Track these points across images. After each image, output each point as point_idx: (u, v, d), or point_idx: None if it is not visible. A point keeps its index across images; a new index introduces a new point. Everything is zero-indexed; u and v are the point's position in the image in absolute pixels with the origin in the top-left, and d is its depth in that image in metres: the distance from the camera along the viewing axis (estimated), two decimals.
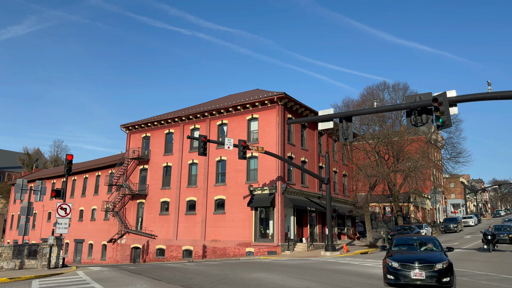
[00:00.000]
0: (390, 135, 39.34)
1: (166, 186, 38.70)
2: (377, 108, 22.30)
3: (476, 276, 15.45)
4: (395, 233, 35.37)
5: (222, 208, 34.15)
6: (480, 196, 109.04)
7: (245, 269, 17.53)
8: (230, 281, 13.50)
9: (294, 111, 34.58)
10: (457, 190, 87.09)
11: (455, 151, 47.57)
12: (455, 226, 49.19)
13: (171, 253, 36.19)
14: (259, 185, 32.19)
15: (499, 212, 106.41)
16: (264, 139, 32.81)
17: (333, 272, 16.30)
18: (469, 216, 64.36)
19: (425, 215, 65.45)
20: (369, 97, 42.29)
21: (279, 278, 14.05)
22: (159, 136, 40.71)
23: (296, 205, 31.58)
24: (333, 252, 27.53)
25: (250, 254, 31.10)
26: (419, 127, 22.78)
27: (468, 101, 15.33)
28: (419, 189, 54.64)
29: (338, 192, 41.67)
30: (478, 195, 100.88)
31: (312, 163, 36.79)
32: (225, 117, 35.94)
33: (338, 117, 20.07)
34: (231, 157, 34.08)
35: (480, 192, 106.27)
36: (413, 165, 38.40)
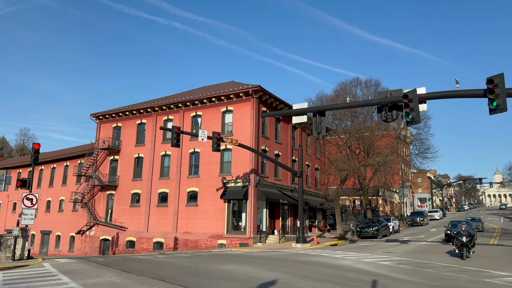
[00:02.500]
0: (361, 130, 40.12)
1: (138, 177, 38.09)
2: (349, 104, 22.69)
3: (440, 267, 16.09)
4: (364, 226, 36.36)
5: (194, 200, 33.98)
6: (445, 191, 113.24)
7: (216, 261, 17.57)
8: (201, 273, 13.50)
9: (269, 105, 34.68)
10: (424, 185, 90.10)
11: (423, 147, 49.17)
12: (421, 220, 50.92)
13: (141, 245, 35.77)
14: (232, 178, 32.19)
15: (463, 207, 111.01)
16: (238, 131, 32.78)
17: (303, 263, 16.57)
18: (435, 210, 66.77)
19: (393, 208, 67.41)
20: (342, 93, 42.97)
21: (250, 270, 14.17)
22: (130, 126, 39.92)
23: (269, 198, 31.82)
24: (304, 244, 27.96)
25: (222, 246, 31.17)
26: (389, 123, 23.32)
27: (437, 98, 15.83)
28: (388, 183, 56.15)
29: (310, 185, 42.24)
30: (443, 190, 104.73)
31: (285, 157, 37.10)
32: (199, 109, 35.63)
33: (311, 111, 20.31)
34: (205, 149, 33.90)
35: (446, 187, 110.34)
36: (383, 159, 39.37)
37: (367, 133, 41.23)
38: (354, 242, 31.92)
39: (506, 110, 13.62)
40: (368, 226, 35.90)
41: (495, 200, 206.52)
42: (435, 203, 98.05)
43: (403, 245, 27.42)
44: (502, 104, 13.56)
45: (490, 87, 13.64)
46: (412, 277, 13.27)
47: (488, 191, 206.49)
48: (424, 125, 47.46)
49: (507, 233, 36.89)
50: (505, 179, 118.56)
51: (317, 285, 11.16)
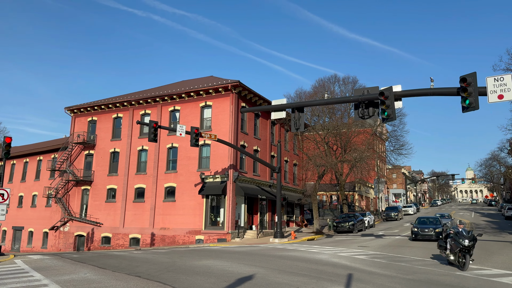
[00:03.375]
0: (339, 127, 40.64)
1: (113, 172, 37.43)
2: (327, 100, 22.92)
3: (413, 261, 16.52)
4: (340, 220, 36.94)
5: (172, 196, 33.69)
6: (419, 187, 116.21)
7: (194, 257, 17.50)
8: (178, 269, 13.42)
9: (248, 100, 34.63)
10: (398, 181, 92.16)
11: (398, 144, 50.20)
12: (395, 215, 52.10)
13: (117, 241, 35.25)
14: (211, 173, 32.07)
15: (436, 202, 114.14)
16: (217, 127, 32.63)
17: (280, 258, 16.71)
18: (409, 205, 68.44)
19: (368, 203, 68.70)
20: (321, 89, 43.31)
21: (228, 265, 14.19)
22: (106, 120, 39.13)
23: (248, 193, 31.87)
24: (281, 239, 28.18)
25: (200, 241, 31.06)
26: (366, 120, 23.73)
27: (412, 96, 16.18)
28: (364, 179, 57.08)
29: (288, 180, 42.53)
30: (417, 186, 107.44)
31: (264, 152, 37.20)
32: (178, 103, 35.25)
33: (290, 107, 20.43)
34: (183, 144, 33.60)
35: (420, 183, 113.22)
36: (359, 156, 40.00)
37: (344, 130, 41.79)
38: (330, 237, 32.39)
39: (478, 108, 14.05)
40: (344, 221, 36.50)
41: (467, 195, 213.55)
42: (409, 198, 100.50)
43: (378, 239, 28.00)
44: (474, 103, 13.98)
45: (463, 85, 14.03)
46: (386, 270, 13.58)
47: (460, 187, 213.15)
48: (400, 122, 48.43)
49: (478, 227, 38.17)
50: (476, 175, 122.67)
51: (293, 279, 11.28)
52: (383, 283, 10.98)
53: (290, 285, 10.38)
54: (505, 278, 12.40)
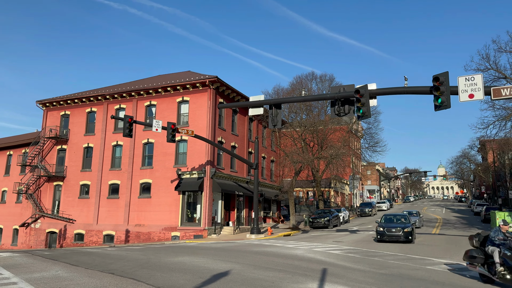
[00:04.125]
0: (315, 124, 41.08)
1: (87, 168, 36.61)
2: (304, 97, 23.10)
3: (386, 256, 16.90)
4: (316, 216, 37.41)
5: (148, 192, 33.25)
6: (393, 183, 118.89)
7: (169, 253, 17.34)
8: (153, 265, 13.28)
9: (226, 96, 34.48)
10: (373, 177, 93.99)
11: (373, 141, 51.29)
12: (370, 210, 53.17)
13: (90, 238, 34.55)
14: (187, 169, 31.81)
15: (409, 198, 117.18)
16: (194, 122, 32.35)
17: (257, 254, 16.77)
18: (382, 201, 69.94)
19: (344, 199, 69.82)
20: (298, 86, 43.64)
21: (204, 261, 14.13)
22: (80, 114, 38.18)
23: (225, 190, 31.80)
24: (258, 235, 28.29)
25: (176, 238, 30.82)
26: (342, 117, 24.04)
27: (386, 94, 16.49)
28: (339, 175, 58.03)
29: (265, 177, 42.69)
30: (391, 182, 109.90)
31: (242, 148, 37.17)
32: (154, 98, 34.74)
33: (268, 104, 20.44)
34: (159, 140, 33.18)
35: (393, 179, 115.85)
36: (335, 152, 40.57)
37: (321, 127, 42.29)
38: (306, 232, 32.74)
39: (449, 107, 14.45)
40: (320, 216, 36.97)
41: (439, 192, 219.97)
42: (383, 194, 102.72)
43: (352, 234, 28.51)
44: (446, 101, 14.37)
45: (436, 84, 14.40)
46: (360, 265, 13.84)
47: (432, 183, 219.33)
48: (374, 120, 49.48)
49: (448, 223, 39.46)
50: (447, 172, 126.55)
51: (269, 274, 11.35)
52: (357, 278, 11.19)
53: (266, 280, 10.43)
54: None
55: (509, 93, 14.02)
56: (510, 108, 23.51)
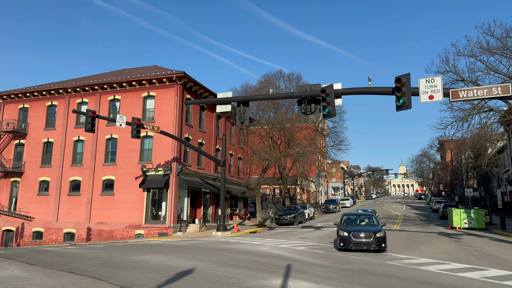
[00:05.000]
0: (283, 122, 41.41)
1: (47, 164, 35.20)
2: (272, 95, 23.27)
3: (348, 252, 17.30)
4: (282, 213, 37.80)
5: (111, 189, 32.40)
6: (356, 181, 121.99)
7: (132, 251, 17.00)
8: (115, 264, 12.97)
9: (193, 92, 34.10)
10: (337, 175, 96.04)
11: (338, 139, 52.40)
12: (334, 207, 54.36)
13: (50, 236, 33.29)
14: (153, 166, 31.24)
15: (371, 195, 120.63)
16: (160, 118, 31.80)
17: (222, 251, 16.75)
18: (346, 198, 71.70)
19: (309, 196, 70.94)
20: (266, 84, 43.80)
21: (168, 259, 13.95)
22: (39, 108, 36.62)
23: (191, 187, 31.50)
24: (224, 232, 28.25)
25: (140, 236, 30.23)
26: (308, 116, 24.40)
27: (351, 94, 16.86)
28: (305, 173, 58.81)
29: (233, 174, 42.64)
30: (354, 180, 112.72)
31: (209, 145, 36.92)
32: (118, 93, 33.84)
33: (236, 101, 20.41)
34: (124, 136, 32.38)
35: (357, 177, 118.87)
36: (302, 150, 41.10)
37: (288, 125, 42.67)
38: (272, 229, 33.03)
39: (410, 108, 14.96)
40: (286, 213, 37.40)
41: (399, 189, 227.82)
42: (347, 191, 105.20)
43: (317, 231, 29.04)
44: (407, 102, 14.88)
45: (398, 85, 14.87)
46: (323, 261, 14.12)
47: (393, 181, 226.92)
48: (339, 119, 50.54)
49: (408, 219, 40.94)
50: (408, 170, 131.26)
51: (234, 271, 11.36)
52: (319, 273, 11.42)
53: (230, 277, 10.44)
54: (431, 266, 13.43)
55: (466, 95, 14.70)
56: (467, 109, 24.65)
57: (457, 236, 24.44)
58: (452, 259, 15.24)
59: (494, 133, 33.60)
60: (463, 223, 30.35)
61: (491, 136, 33.27)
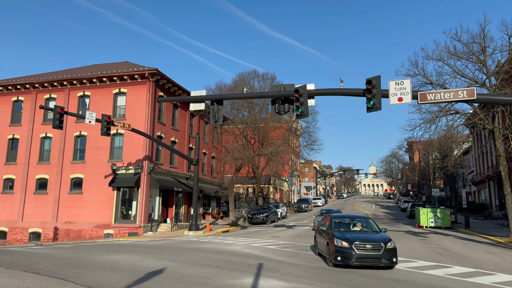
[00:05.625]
0: (257, 121, 41.51)
1: (11, 161, 33.87)
2: (246, 94, 23.27)
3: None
4: (255, 212, 37.90)
5: (79, 188, 31.54)
6: (328, 180, 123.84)
7: (101, 251, 16.60)
8: (83, 264, 12.63)
9: (166, 90, 33.64)
10: (310, 174, 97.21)
11: (311, 139, 53.02)
12: (306, 206, 55.02)
13: (14, 236, 32.05)
14: (123, 164, 30.62)
15: (342, 195, 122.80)
16: (132, 115, 31.19)
17: (194, 250, 16.61)
18: (318, 197, 72.68)
19: (282, 196, 71.44)
20: (241, 83, 43.74)
21: (138, 259, 13.71)
22: (4, 103, 35.18)
23: (163, 186, 31.07)
24: (196, 232, 28.03)
25: (109, 236, 29.57)
26: (282, 116, 24.56)
27: (324, 94, 17.08)
28: (278, 172, 59.21)
29: (206, 173, 42.37)
30: (326, 179, 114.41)
31: (182, 144, 36.53)
32: (88, 89, 32.96)
33: (209, 99, 20.21)
34: (93, 133, 31.56)
35: (329, 177, 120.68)
36: (275, 150, 41.33)
37: (262, 124, 42.80)
38: (245, 228, 33.05)
39: (380, 109, 15.29)
40: (259, 212, 37.53)
41: (369, 189, 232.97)
42: (319, 191, 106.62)
43: (289, 229, 29.28)
44: (377, 104, 15.19)
45: (369, 87, 15.16)
46: (294, 259, 14.25)
47: (364, 181, 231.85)
48: (313, 119, 51.14)
49: (377, 218, 41.89)
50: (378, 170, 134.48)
51: (205, 271, 11.29)
52: (290, 272, 11.51)
53: (201, 277, 10.37)
54: (398, 264, 13.76)
55: (434, 98, 15.16)
56: (435, 112, 25.35)
57: (423, 235, 25.20)
58: (419, 257, 15.70)
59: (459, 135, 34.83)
60: (430, 222, 31.31)
61: (457, 138, 34.45)
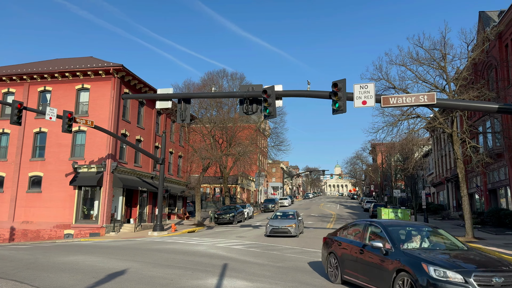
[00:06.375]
0: (225, 121, 41.38)
1: None
2: (214, 94, 23.12)
3: (284, 250, 17.73)
4: (221, 212, 37.75)
5: (38, 186, 30.27)
6: (295, 181, 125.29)
7: (60, 252, 16.00)
8: (41, 266, 12.12)
9: (132, 86, 32.88)
10: (277, 175, 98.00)
11: (279, 140, 53.48)
12: (272, 206, 55.42)
13: None
14: (85, 163, 29.66)
15: (308, 195, 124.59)
16: (95, 112, 30.27)
17: (157, 251, 16.33)
18: (285, 197, 73.41)
19: (249, 196, 71.57)
20: (209, 82, 43.42)
21: (98, 260, 13.32)
22: None
23: (127, 185, 30.35)
24: (161, 232, 27.58)
25: (70, 236, 28.57)
26: (250, 116, 24.57)
27: (291, 96, 17.26)
28: (246, 172, 59.31)
29: (172, 172, 41.77)
30: (293, 180, 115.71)
31: (148, 142, 35.82)
32: (50, 84, 31.71)
33: (176, 98, 19.95)
34: (54, 130, 30.38)
35: (295, 177, 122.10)
36: (243, 150, 41.37)
37: (230, 124, 42.71)
38: (211, 228, 32.85)
39: (345, 112, 15.62)
40: (225, 212, 37.42)
41: (335, 189, 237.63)
42: (286, 191, 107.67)
43: (255, 229, 29.37)
44: (342, 106, 15.51)
45: (334, 90, 15.46)
46: (259, 259, 14.31)
47: (329, 181, 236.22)
48: (280, 120, 51.62)
49: (341, 218, 42.78)
50: (343, 171, 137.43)
51: (169, 271, 11.12)
52: (255, 271, 11.55)
53: (164, 278, 10.20)
54: None
55: (396, 102, 15.65)
56: (397, 115, 26.15)
57: None
58: None
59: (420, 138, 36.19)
60: None
61: (418, 141, 35.79)
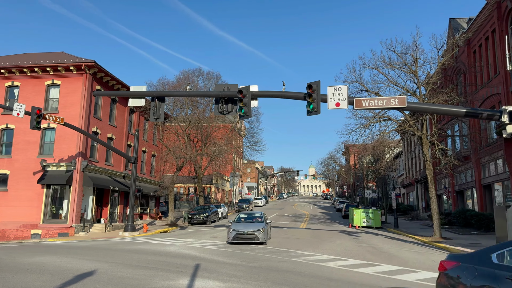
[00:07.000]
0: (200, 120, 41.06)
1: None
2: (189, 92, 22.96)
3: (257, 249, 17.74)
4: (195, 212, 37.43)
5: (4, 185, 29.16)
6: (269, 181, 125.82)
7: (26, 253, 15.46)
8: (5, 266, 11.67)
9: (104, 83, 32.15)
10: (252, 175, 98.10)
11: (254, 140, 53.62)
12: (247, 206, 55.44)
13: None
14: (55, 161, 28.78)
15: (282, 195, 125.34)
16: (65, 109, 29.41)
17: (128, 252, 16.03)
18: (259, 198, 73.56)
19: (224, 196, 71.34)
20: (185, 81, 42.98)
21: (66, 261, 12.95)
22: None
23: (97, 184, 29.66)
24: (132, 232, 27.09)
25: (37, 236, 27.65)
26: (226, 116, 24.51)
27: (266, 96, 17.31)
28: (221, 172, 59.07)
29: (145, 172, 41.10)
30: (268, 180, 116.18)
31: (120, 141, 35.11)
32: (18, 79, 30.59)
33: (150, 96, 19.65)
34: (22, 126, 29.32)
35: (270, 177, 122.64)
36: (218, 150, 41.17)
37: (205, 123, 42.42)
38: (184, 229, 32.53)
39: (319, 113, 15.82)
40: (199, 212, 37.13)
41: (309, 190, 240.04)
42: (260, 191, 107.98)
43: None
44: (317, 108, 15.69)
45: (309, 91, 15.62)
46: (232, 259, 14.27)
47: (303, 182, 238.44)
48: (256, 120, 51.78)
49: (314, 218, 43.28)
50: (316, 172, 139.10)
51: (139, 272, 10.93)
52: (227, 272, 11.51)
53: (134, 278, 10.02)
54: (331, 262, 14.32)
55: (368, 104, 15.97)
56: (369, 118, 26.66)
57: (356, 234, 26.45)
58: (351, 255, 16.44)
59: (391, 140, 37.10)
60: (362, 222, 32.93)
61: (389, 143, 36.69)
